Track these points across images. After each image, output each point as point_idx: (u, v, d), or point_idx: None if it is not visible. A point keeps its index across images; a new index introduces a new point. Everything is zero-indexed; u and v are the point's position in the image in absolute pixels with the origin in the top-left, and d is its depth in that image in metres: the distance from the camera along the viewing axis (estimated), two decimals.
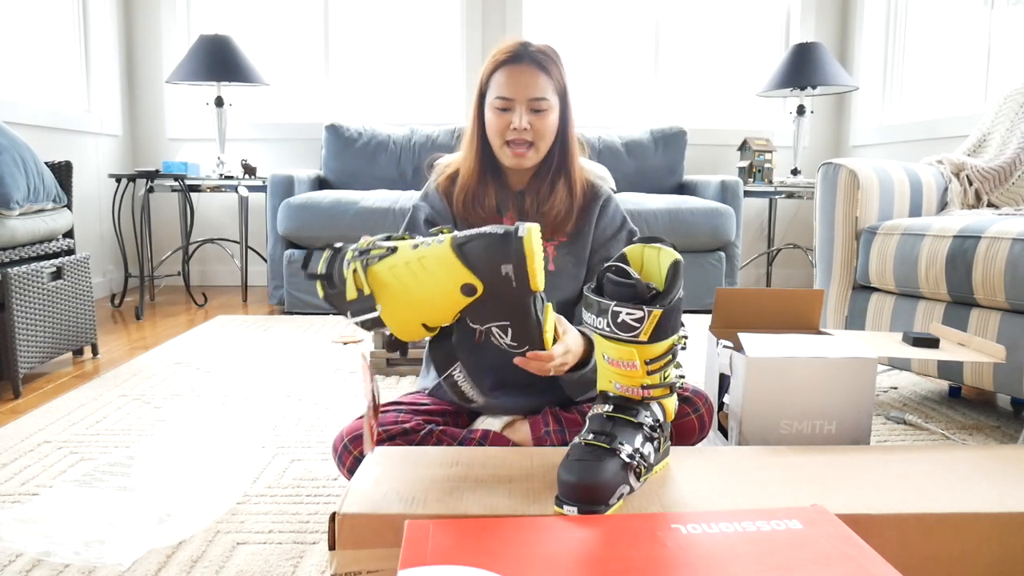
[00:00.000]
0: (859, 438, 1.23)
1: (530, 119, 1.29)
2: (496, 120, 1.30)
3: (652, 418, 0.99)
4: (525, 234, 0.92)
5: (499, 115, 1.30)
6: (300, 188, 3.40)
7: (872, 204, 2.04)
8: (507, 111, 1.29)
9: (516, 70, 1.29)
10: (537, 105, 1.29)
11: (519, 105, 1.28)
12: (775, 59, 4.07)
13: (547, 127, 1.31)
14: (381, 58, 4.11)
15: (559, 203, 1.34)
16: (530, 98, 1.28)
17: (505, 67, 1.30)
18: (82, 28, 3.64)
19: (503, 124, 1.29)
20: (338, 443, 1.24)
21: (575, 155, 1.37)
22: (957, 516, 0.92)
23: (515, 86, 1.28)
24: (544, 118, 1.30)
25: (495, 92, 1.30)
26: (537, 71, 1.29)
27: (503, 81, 1.29)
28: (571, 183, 1.36)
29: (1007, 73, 3.14)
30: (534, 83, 1.29)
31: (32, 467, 1.49)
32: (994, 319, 1.71)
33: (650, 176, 3.81)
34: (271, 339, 2.71)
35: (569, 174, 1.36)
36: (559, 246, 1.35)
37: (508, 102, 1.29)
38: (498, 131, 1.30)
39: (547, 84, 1.30)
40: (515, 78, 1.29)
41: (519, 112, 1.28)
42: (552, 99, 1.31)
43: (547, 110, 1.30)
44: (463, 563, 0.73)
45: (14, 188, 2.05)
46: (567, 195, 1.35)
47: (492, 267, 0.93)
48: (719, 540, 0.78)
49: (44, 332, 2.13)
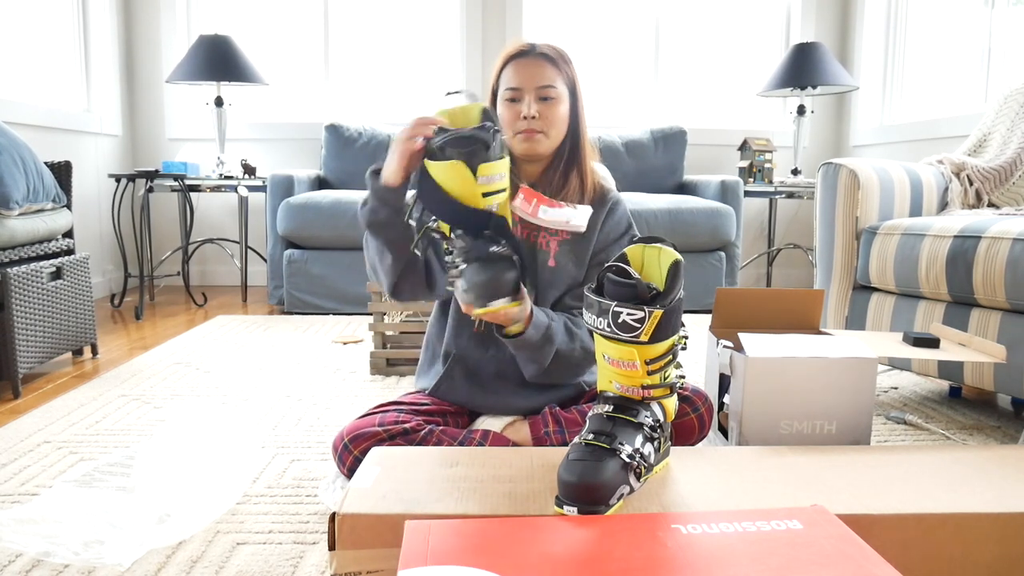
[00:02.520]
0: (859, 438, 1.23)
1: (539, 107, 1.29)
2: (507, 112, 1.31)
3: (652, 418, 0.99)
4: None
5: (509, 106, 1.31)
6: (300, 188, 3.40)
7: (872, 204, 2.04)
8: (516, 101, 1.30)
9: (524, 62, 1.31)
10: (545, 92, 1.30)
11: (527, 94, 1.29)
12: (775, 59, 4.07)
13: (556, 115, 1.31)
14: (381, 58, 4.11)
15: (571, 196, 1.34)
16: (538, 86, 1.29)
17: (514, 60, 1.32)
18: (82, 28, 3.64)
19: (513, 115, 1.30)
20: (338, 442, 1.24)
21: (587, 152, 1.37)
22: (957, 516, 0.92)
23: (523, 76, 1.30)
24: (553, 107, 1.30)
25: (505, 85, 1.32)
26: (545, 62, 1.31)
27: (512, 73, 1.31)
28: (583, 178, 1.36)
29: (1007, 73, 3.14)
30: (541, 72, 1.30)
31: (32, 467, 1.49)
32: (994, 319, 1.70)
33: (650, 176, 3.81)
34: (271, 339, 2.71)
35: (582, 169, 1.36)
36: (562, 242, 1.34)
37: (517, 92, 1.30)
38: (509, 122, 1.31)
39: (555, 74, 1.31)
40: (523, 69, 1.31)
41: (527, 100, 1.29)
42: (561, 89, 1.31)
43: (556, 99, 1.30)
44: (463, 563, 0.73)
45: (14, 188, 2.05)
46: (579, 190, 1.35)
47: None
48: (719, 540, 0.78)
49: (44, 332, 2.13)
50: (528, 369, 1.28)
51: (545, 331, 1.21)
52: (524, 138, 1.30)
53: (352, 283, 3.20)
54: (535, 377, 1.29)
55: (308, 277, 3.22)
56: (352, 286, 3.20)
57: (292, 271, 3.22)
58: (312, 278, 3.22)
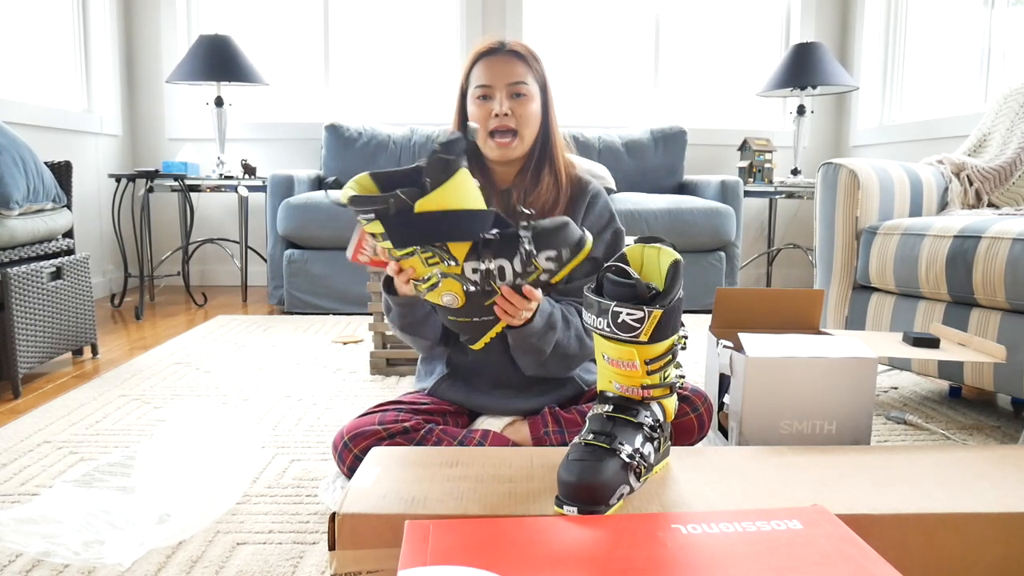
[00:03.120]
0: (859, 438, 1.23)
1: (511, 105, 1.28)
2: (478, 110, 1.29)
3: (652, 418, 0.99)
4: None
5: (480, 104, 1.29)
6: (300, 188, 3.40)
7: (872, 204, 2.04)
8: (488, 99, 1.29)
9: (494, 59, 1.30)
10: (517, 89, 1.28)
11: (499, 91, 1.28)
12: (775, 59, 4.08)
13: (529, 113, 1.30)
14: (381, 58, 4.11)
15: (545, 193, 1.33)
16: (509, 83, 1.28)
17: (484, 59, 1.31)
18: (82, 28, 3.64)
19: (485, 113, 1.29)
20: (338, 441, 1.24)
21: (559, 147, 1.36)
22: (957, 516, 0.92)
23: (493, 73, 1.29)
24: (525, 104, 1.29)
25: (475, 83, 1.30)
26: (515, 59, 1.30)
27: (482, 71, 1.30)
28: (556, 174, 1.35)
29: (1007, 73, 3.14)
30: (512, 69, 1.29)
31: (32, 467, 1.49)
32: (994, 319, 1.71)
33: (650, 176, 3.81)
34: (271, 339, 2.71)
35: (554, 165, 1.35)
36: None
37: (488, 89, 1.29)
38: (481, 120, 1.29)
39: (526, 71, 1.30)
40: (494, 66, 1.29)
41: (499, 98, 1.28)
42: (532, 86, 1.30)
43: (527, 95, 1.29)
44: (463, 563, 0.73)
45: (14, 188, 2.05)
46: (553, 185, 1.34)
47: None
48: (719, 540, 0.78)
49: (44, 332, 2.13)
50: (525, 360, 1.27)
51: (548, 318, 1.21)
52: (497, 144, 1.29)
53: (352, 283, 3.20)
54: (532, 370, 1.28)
55: (308, 277, 3.22)
56: (352, 286, 3.20)
57: (292, 271, 3.22)
58: (312, 278, 3.22)
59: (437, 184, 1.00)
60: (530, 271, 1.07)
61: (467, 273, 1.06)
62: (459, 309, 1.10)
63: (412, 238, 1.03)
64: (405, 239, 1.02)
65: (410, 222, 1.00)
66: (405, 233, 1.02)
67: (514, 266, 1.07)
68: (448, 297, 1.09)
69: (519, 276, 1.08)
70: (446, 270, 1.06)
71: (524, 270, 1.07)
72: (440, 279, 1.06)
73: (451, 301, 1.09)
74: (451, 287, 1.07)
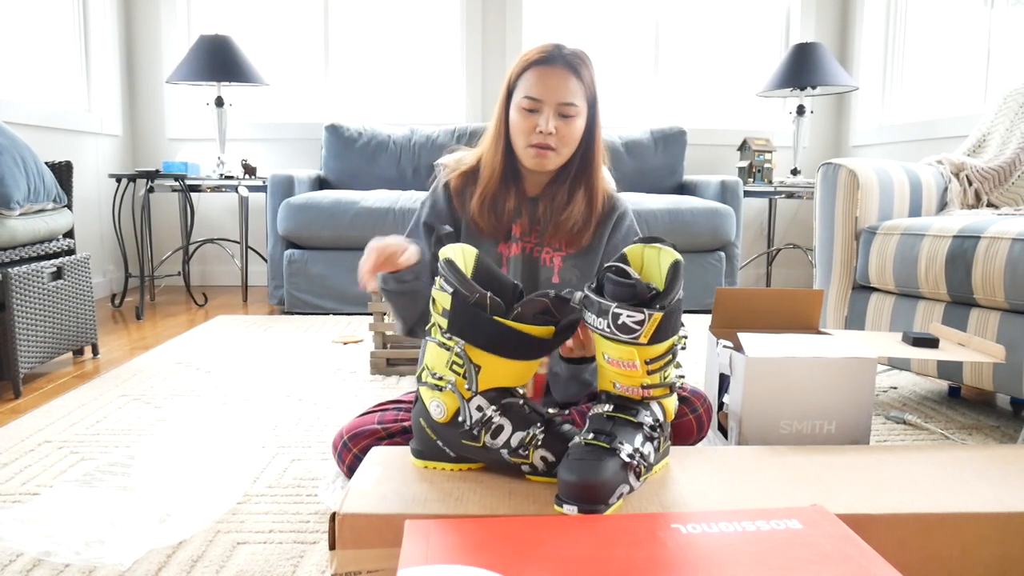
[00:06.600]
0: (859, 438, 1.23)
1: (557, 124, 1.24)
2: (522, 121, 1.26)
3: (652, 418, 0.99)
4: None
5: (526, 116, 1.25)
6: (300, 188, 3.40)
7: (872, 204, 2.04)
8: (535, 112, 1.25)
9: (547, 71, 1.25)
10: (566, 111, 1.25)
11: (547, 108, 1.24)
12: (775, 59, 4.08)
13: (573, 133, 1.27)
14: (381, 58, 4.11)
15: (576, 214, 1.30)
16: (559, 102, 1.24)
17: (536, 67, 1.25)
18: (82, 28, 3.64)
19: (529, 126, 1.25)
20: (338, 440, 1.24)
21: (598, 164, 1.33)
22: (957, 516, 0.92)
23: (545, 88, 1.24)
24: (571, 124, 1.26)
25: (523, 92, 1.25)
26: (569, 74, 1.25)
27: (533, 81, 1.25)
28: (591, 194, 1.32)
29: (1007, 73, 3.14)
30: (565, 86, 1.24)
31: (32, 467, 1.50)
32: (994, 319, 1.71)
33: (650, 176, 3.81)
34: (271, 339, 2.71)
35: (590, 183, 1.32)
36: (566, 257, 1.32)
37: (536, 103, 1.24)
38: (523, 132, 1.26)
39: (577, 88, 1.25)
40: (545, 79, 1.24)
41: (547, 115, 1.24)
42: (581, 104, 1.26)
43: (575, 116, 1.26)
44: (463, 563, 0.73)
45: (14, 188, 2.06)
46: (586, 206, 1.31)
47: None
48: (719, 540, 0.79)
49: (44, 332, 2.13)
50: (570, 390, 1.27)
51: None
52: (536, 153, 1.26)
53: (352, 283, 3.20)
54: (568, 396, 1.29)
55: (308, 277, 3.22)
56: (352, 286, 3.20)
57: (292, 271, 3.22)
58: (312, 278, 3.22)
59: (525, 322, 0.97)
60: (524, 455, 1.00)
61: (470, 407, 0.99)
62: (436, 422, 1.01)
63: (467, 333, 0.97)
64: (461, 330, 0.97)
65: (479, 323, 0.96)
66: (465, 326, 0.97)
67: (514, 440, 0.99)
68: (437, 408, 1.01)
69: (515, 449, 1.00)
70: (458, 384, 0.99)
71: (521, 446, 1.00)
72: (446, 387, 1.00)
73: (437, 411, 1.01)
74: (449, 401, 1.00)
